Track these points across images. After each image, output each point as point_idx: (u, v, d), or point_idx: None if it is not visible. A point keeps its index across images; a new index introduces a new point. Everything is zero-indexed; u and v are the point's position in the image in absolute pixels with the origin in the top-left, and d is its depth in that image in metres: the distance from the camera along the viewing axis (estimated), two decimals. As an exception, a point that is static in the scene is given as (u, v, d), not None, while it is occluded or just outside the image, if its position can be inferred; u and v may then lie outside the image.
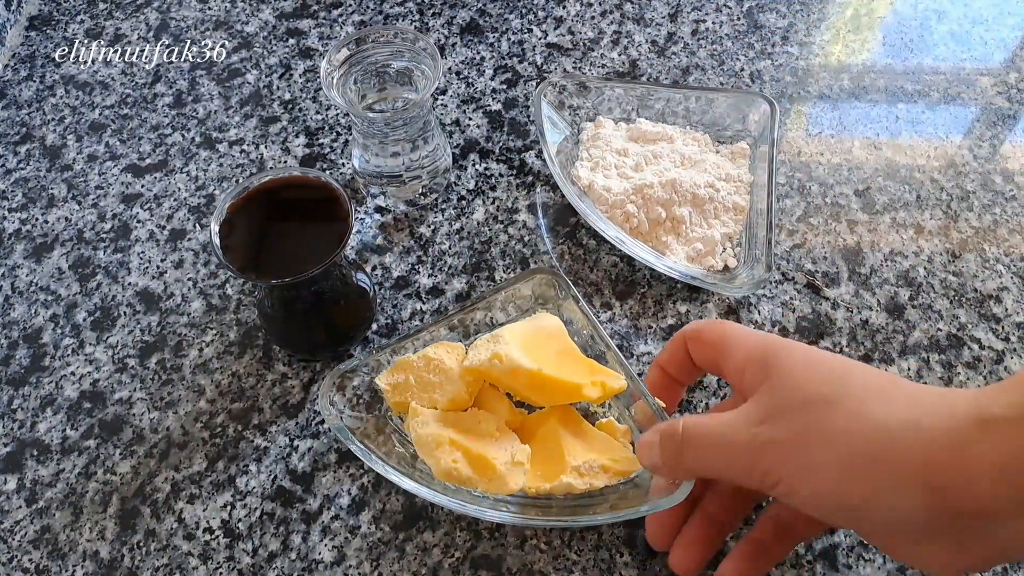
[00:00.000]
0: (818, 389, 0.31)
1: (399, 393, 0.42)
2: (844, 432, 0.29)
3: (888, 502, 0.28)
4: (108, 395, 0.47)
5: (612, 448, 0.42)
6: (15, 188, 0.56)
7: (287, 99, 0.61)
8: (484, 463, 0.39)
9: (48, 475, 0.44)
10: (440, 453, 0.39)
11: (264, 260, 0.40)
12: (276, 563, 0.41)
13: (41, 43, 0.65)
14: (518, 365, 0.40)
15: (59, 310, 0.50)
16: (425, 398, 0.42)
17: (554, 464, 0.40)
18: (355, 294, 0.46)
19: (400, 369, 0.43)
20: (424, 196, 0.54)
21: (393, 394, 0.42)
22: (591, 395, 0.41)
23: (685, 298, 0.50)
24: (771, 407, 0.32)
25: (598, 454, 0.41)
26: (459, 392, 0.42)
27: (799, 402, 0.31)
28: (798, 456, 0.30)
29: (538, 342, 0.42)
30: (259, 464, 0.44)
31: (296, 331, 0.46)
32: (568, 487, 0.39)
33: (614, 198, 0.51)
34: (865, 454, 0.29)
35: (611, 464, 0.40)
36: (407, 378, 0.42)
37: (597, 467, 0.40)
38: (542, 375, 0.40)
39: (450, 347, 0.43)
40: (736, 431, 0.32)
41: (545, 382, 0.40)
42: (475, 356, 0.41)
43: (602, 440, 0.42)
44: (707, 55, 0.63)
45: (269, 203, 0.41)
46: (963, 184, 0.55)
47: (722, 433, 0.33)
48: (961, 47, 0.63)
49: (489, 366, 0.40)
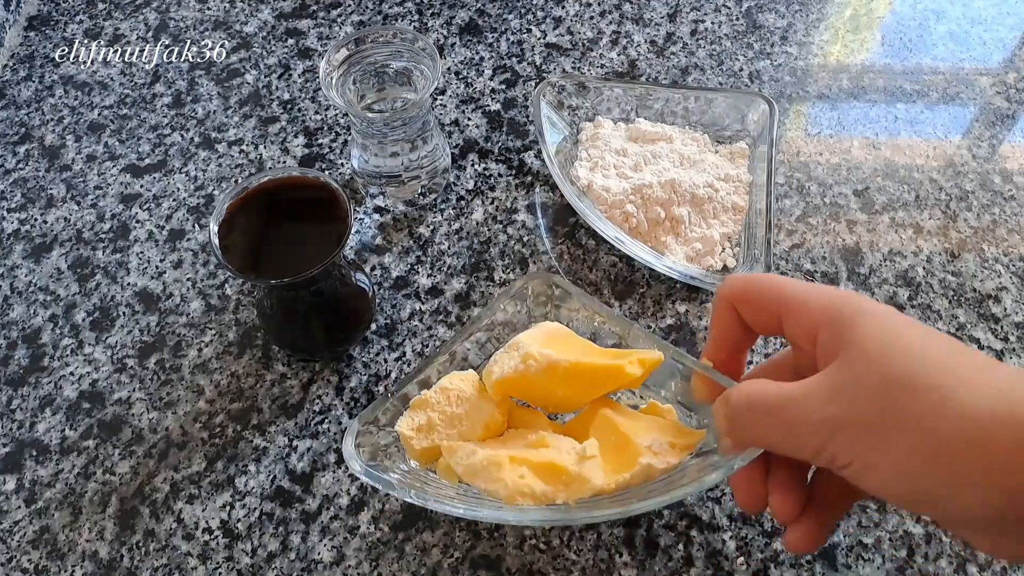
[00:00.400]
0: (897, 369, 0.28)
1: (424, 437, 0.38)
2: (925, 420, 0.27)
3: (968, 499, 0.27)
4: (107, 395, 0.47)
5: (667, 427, 0.38)
6: (14, 188, 0.56)
7: (286, 99, 0.61)
8: (554, 469, 0.36)
9: (47, 475, 0.44)
10: (503, 474, 0.35)
11: (263, 260, 0.40)
12: (275, 563, 0.41)
13: (40, 43, 0.65)
14: (554, 359, 0.36)
15: (58, 310, 0.50)
16: (455, 434, 0.38)
17: (623, 453, 0.37)
18: (354, 294, 0.46)
19: (419, 409, 0.39)
20: (423, 196, 0.54)
21: (419, 439, 0.38)
22: (635, 373, 0.37)
23: (684, 298, 0.50)
24: (845, 385, 0.29)
25: (661, 433, 0.37)
26: (492, 415, 0.38)
27: (876, 382, 0.28)
28: (873, 441, 0.28)
29: (556, 343, 0.39)
30: (258, 464, 0.44)
31: (295, 331, 0.46)
32: (648, 470, 0.36)
33: (613, 198, 0.51)
34: (949, 445, 0.26)
35: (677, 441, 0.37)
36: (429, 417, 0.38)
37: (666, 445, 0.37)
38: (582, 364, 0.37)
39: (463, 375, 0.40)
40: (805, 407, 0.29)
41: (585, 371, 0.37)
42: (503, 367, 0.37)
43: (655, 421, 0.39)
44: (706, 55, 0.63)
45: (268, 203, 0.41)
46: (962, 184, 0.56)
47: (788, 408, 0.30)
48: (960, 47, 0.64)
49: (525, 368, 0.37)
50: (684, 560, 0.41)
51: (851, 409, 0.28)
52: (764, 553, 0.41)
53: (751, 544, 0.42)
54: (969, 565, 0.41)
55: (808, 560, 0.41)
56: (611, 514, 0.35)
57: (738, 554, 0.41)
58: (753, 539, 0.42)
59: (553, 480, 0.35)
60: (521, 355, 0.37)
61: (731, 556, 0.41)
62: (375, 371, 0.47)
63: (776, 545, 0.41)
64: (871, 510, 0.42)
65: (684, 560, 0.41)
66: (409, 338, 0.49)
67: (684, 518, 0.42)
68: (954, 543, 0.41)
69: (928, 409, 0.27)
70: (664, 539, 0.42)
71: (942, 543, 0.41)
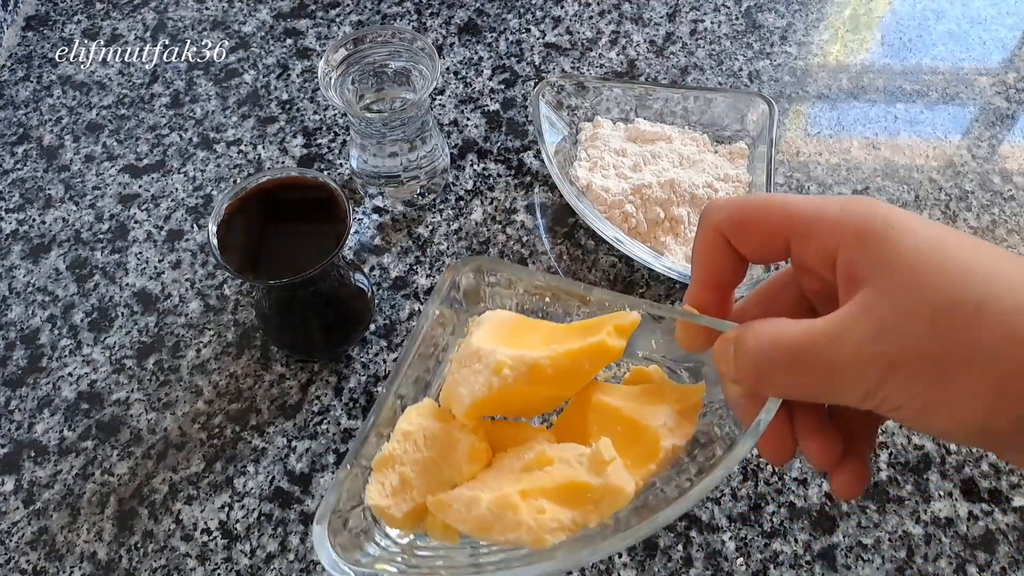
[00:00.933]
0: (956, 291, 0.24)
1: (402, 499, 0.31)
2: (994, 350, 0.23)
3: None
4: (106, 396, 0.47)
5: (664, 392, 0.33)
6: (12, 189, 0.56)
7: (285, 99, 0.61)
8: (575, 489, 0.30)
9: (45, 476, 0.44)
10: (522, 516, 0.29)
11: (262, 260, 0.40)
12: (274, 564, 0.41)
13: (38, 43, 0.65)
14: (533, 360, 0.30)
15: (56, 311, 0.50)
16: (436, 483, 0.31)
17: (638, 441, 0.32)
18: (353, 295, 0.46)
19: (384, 468, 0.32)
20: (422, 196, 0.54)
21: (397, 505, 0.31)
22: (617, 346, 0.32)
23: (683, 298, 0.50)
24: (893, 315, 0.24)
25: (663, 403, 0.33)
26: (472, 445, 0.32)
27: (932, 310, 0.24)
28: (932, 379, 0.24)
29: (515, 337, 0.33)
30: (257, 465, 0.44)
31: (294, 331, 0.46)
32: (674, 452, 0.31)
33: (612, 198, 0.51)
34: (1020, 377, 0.23)
35: (682, 405, 0.33)
36: (401, 474, 0.31)
37: (675, 416, 0.32)
38: (564, 354, 0.31)
39: (419, 409, 0.33)
40: (845, 346, 0.25)
41: (570, 359, 0.31)
42: (471, 387, 0.31)
43: (649, 391, 0.34)
44: (705, 55, 0.63)
45: (267, 203, 0.41)
46: (961, 184, 0.55)
47: (823, 350, 0.25)
48: (959, 47, 0.63)
49: (501, 383, 0.30)
50: (684, 561, 0.41)
51: (907, 344, 0.24)
52: (763, 554, 0.41)
53: (750, 545, 0.41)
54: (968, 566, 0.41)
55: (807, 561, 0.41)
56: (667, 517, 0.28)
57: (737, 555, 0.41)
58: (752, 539, 0.42)
59: (578, 502, 0.30)
60: (491, 367, 0.30)
61: (731, 557, 0.41)
62: (374, 372, 0.47)
63: (775, 546, 0.41)
64: (871, 510, 0.42)
65: (684, 561, 0.41)
66: (408, 338, 0.48)
67: (683, 519, 0.42)
68: (953, 544, 0.41)
69: (997, 339, 0.23)
70: (663, 540, 0.42)
71: (941, 543, 0.41)
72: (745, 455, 0.29)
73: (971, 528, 0.42)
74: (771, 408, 0.28)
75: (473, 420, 0.32)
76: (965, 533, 0.42)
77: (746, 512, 0.42)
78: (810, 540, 0.41)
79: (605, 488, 0.29)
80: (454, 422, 0.32)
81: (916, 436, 0.45)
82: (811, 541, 0.41)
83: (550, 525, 0.29)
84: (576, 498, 0.30)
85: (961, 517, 0.42)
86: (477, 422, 0.32)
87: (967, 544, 0.41)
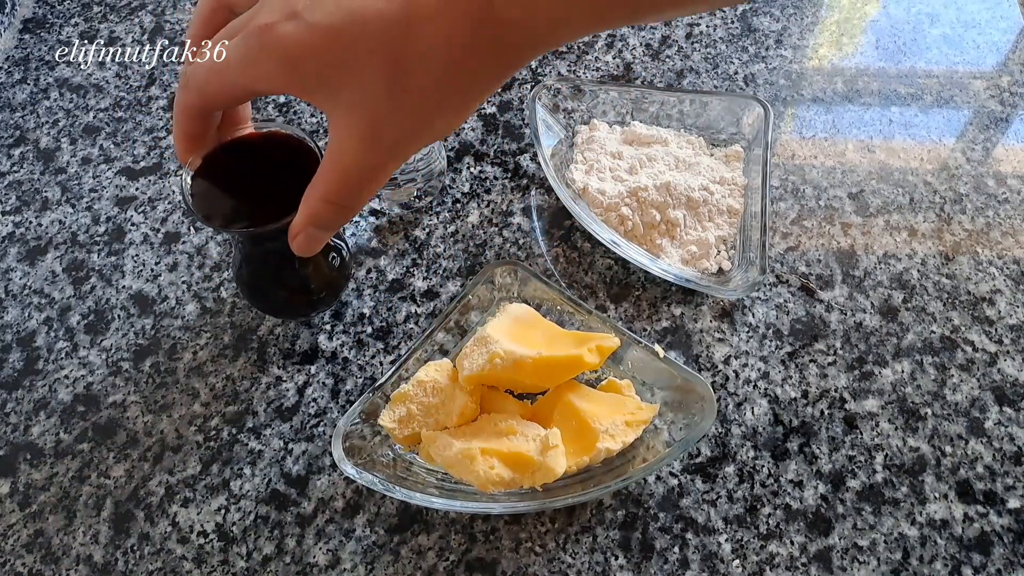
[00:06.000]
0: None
1: (405, 426, 0.42)
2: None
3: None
4: (102, 398, 0.47)
5: (624, 404, 0.43)
6: (9, 191, 0.56)
7: (282, 101, 0.61)
8: (520, 459, 0.40)
9: (41, 479, 0.44)
10: (476, 466, 0.39)
11: (234, 211, 0.39)
12: (270, 567, 0.41)
13: (35, 46, 0.65)
14: (520, 356, 0.41)
15: (53, 313, 0.50)
16: (432, 422, 0.42)
17: (584, 437, 0.41)
18: (328, 253, 0.45)
19: (398, 403, 0.43)
20: (419, 199, 0.54)
21: (400, 429, 0.42)
22: (592, 362, 0.42)
23: (679, 301, 0.50)
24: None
25: (617, 413, 0.42)
26: (465, 404, 0.42)
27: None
28: None
29: (522, 332, 0.43)
30: (253, 467, 0.44)
31: (267, 288, 0.45)
32: (607, 453, 0.41)
33: (609, 201, 0.51)
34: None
35: (632, 418, 0.42)
36: (408, 409, 0.42)
37: (621, 425, 0.42)
38: (544, 359, 0.41)
39: (438, 366, 0.44)
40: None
41: (548, 364, 0.41)
42: (472, 363, 0.42)
43: (613, 400, 0.43)
44: (701, 58, 0.63)
45: (244, 156, 0.40)
46: (956, 187, 0.56)
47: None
48: (954, 50, 0.64)
49: (491, 367, 0.41)
50: (680, 563, 0.41)
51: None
52: (759, 556, 0.41)
53: (747, 547, 0.42)
54: (964, 568, 0.41)
55: (803, 563, 0.41)
56: (575, 498, 0.40)
57: (734, 557, 0.41)
58: (748, 542, 0.42)
59: (521, 469, 0.40)
60: (488, 353, 0.41)
61: (727, 559, 0.41)
62: (370, 374, 0.47)
63: (771, 548, 0.41)
64: (866, 513, 0.42)
65: (680, 563, 0.41)
66: (404, 341, 0.48)
67: (680, 521, 0.42)
68: (949, 546, 0.42)
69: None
70: (660, 542, 0.42)
71: (937, 545, 0.42)
72: (670, 460, 0.42)
73: (966, 530, 0.42)
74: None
75: (470, 386, 0.42)
76: (960, 535, 0.42)
77: (742, 514, 0.42)
78: (806, 542, 0.42)
79: (543, 464, 0.39)
80: (458, 383, 0.43)
81: (911, 438, 0.45)
82: (807, 543, 0.42)
83: (493, 478, 0.39)
84: (521, 465, 0.40)
85: (956, 519, 0.42)
86: (474, 387, 0.43)
87: (962, 546, 0.42)
